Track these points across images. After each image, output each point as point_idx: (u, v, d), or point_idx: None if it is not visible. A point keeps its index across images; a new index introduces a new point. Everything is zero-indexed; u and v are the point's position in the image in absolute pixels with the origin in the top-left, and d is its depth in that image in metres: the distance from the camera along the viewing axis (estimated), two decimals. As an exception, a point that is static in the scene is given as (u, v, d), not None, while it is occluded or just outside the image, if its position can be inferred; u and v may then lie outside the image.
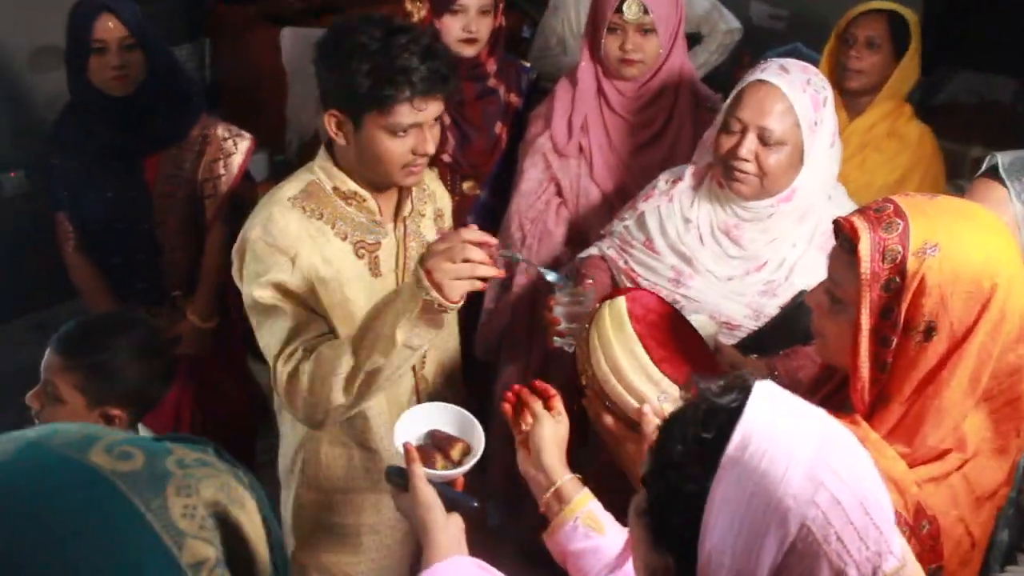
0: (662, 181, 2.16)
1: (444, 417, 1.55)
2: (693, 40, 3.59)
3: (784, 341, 1.93)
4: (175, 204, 2.62)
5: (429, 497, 1.35)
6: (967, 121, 4.04)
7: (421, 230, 1.97)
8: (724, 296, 2.01)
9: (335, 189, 1.83)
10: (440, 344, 2.04)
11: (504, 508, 2.58)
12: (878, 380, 1.33)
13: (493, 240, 1.57)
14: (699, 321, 1.87)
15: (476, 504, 1.40)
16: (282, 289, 1.77)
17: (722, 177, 1.97)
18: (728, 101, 1.95)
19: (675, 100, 2.43)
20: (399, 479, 1.41)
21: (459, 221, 2.58)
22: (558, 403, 1.49)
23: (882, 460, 1.29)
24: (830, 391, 1.50)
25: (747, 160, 1.89)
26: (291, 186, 1.85)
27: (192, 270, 2.72)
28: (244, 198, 2.80)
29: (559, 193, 2.51)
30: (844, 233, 1.34)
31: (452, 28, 2.41)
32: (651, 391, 1.49)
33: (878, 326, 1.30)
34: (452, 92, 1.77)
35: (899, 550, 0.92)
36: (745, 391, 0.93)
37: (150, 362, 1.90)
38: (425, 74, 1.68)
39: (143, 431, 1.94)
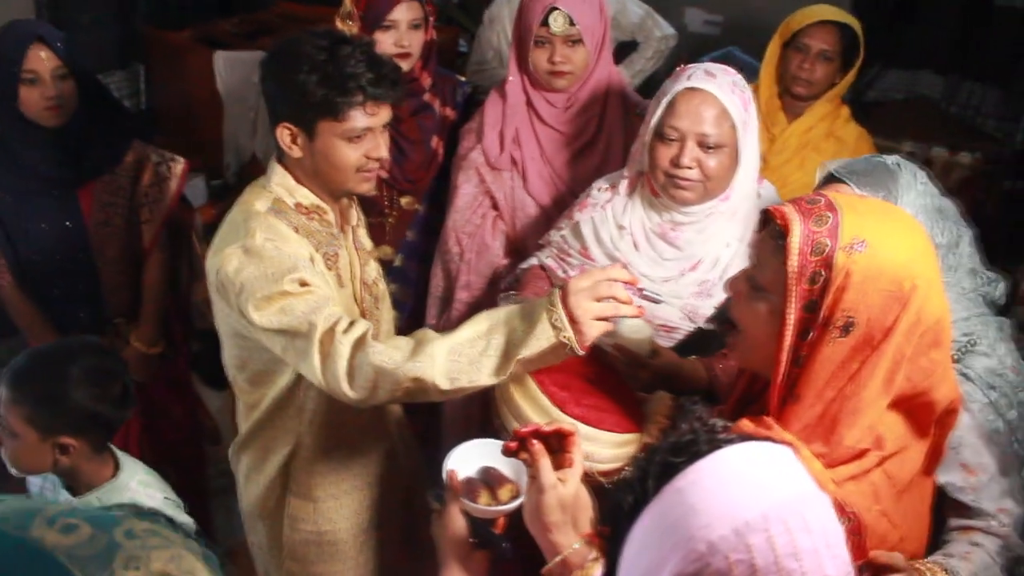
0: (595, 189, 2.18)
1: (499, 455, 1.50)
2: (629, 48, 3.63)
3: (721, 341, 1.95)
4: (112, 232, 2.59)
5: (458, 528, 1.34)
6: (897, 117, 4.14)
7: (360, 239, 2.00)
8: None
9: (297, 205, 1.83)
10: None
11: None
12: (791, 374, 1.34)
13: (637, 280, 1.55)
14: (635, 325, 1.88)
15: (506, 546, 1.38)
16: (302, 279, 1.69)
17: (661, 187, 1.99)
18: (659, 110, 1.95)
19: (605, 108, 2.45)
20: (438, 502, 1.40)
21: (399, 236, 2.60)
22: (573, 450, 1.35)
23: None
24: (743, 390, 1.51)
25: (690, 167, 1.91)
26: (259, 202, 1.81)
27: (133, 297, 2.69)
28: (182, 222, 2.79)
29: (495, 207, 2.52)
30: (775, 222, 1.34)
31: (384, 44, 2.40)
32: None
33: (801, 319, 1.31)
34: (399, 99, 1.81)
35: None
36: (744, 437, 0.91)
37: (102, 387, 1.85)
38: (374, 79, 1.72)
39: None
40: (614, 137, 2.45)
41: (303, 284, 1.68)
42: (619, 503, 0.92)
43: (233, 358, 1.90)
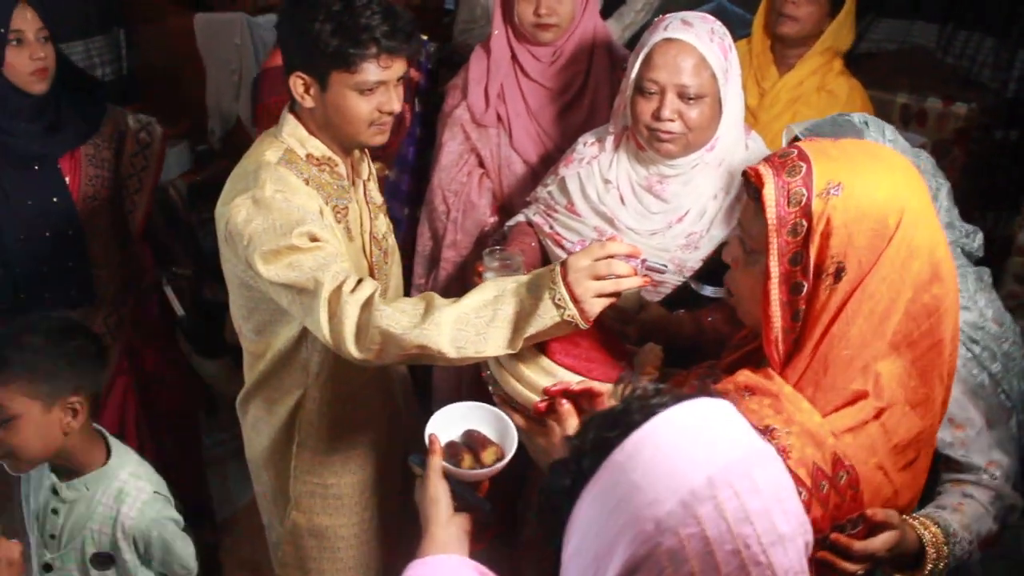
0: (581, 144, 2.15)
1: (485, 419, 1.52)
2: (619, 1, 3.58)
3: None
4: (100, 205, 2.56)
5: (438, 491, 1.33)
6: (891, 68, 4.08)
7: (371, 193, 1.99)
8: (648, 254, 2.00)
9: (308, 156, 1.83)
10: None
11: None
12: (792, 329, 1.32)
13: (639, 251, 1.53)
14: None
15: (489, 508, 1.37)
16: (313, 234, 1.68)
17: (645, 141, 1.96)
18: (637, 64, 1.92)
19: (591, 62, 2.41)
20: (420, 467, 1.39)
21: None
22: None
23: (798, 414, 1.30)
24: (754, 347, 1.49)
25: (672, 120, 1.89)
26: (271, 152, 1.81)
27: (122, 268, 2.66)
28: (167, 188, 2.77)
29: (480, 164, 2.49)
30: (751, 182, 1.33)
31: None
32: (548, 383, 1.50)
33: (788, 272, 1.29)
34: (414, 52, 1.79)
35: None
36: (678, 398, 0.86)
37: (79, 344, 1.88)
38: (389, 31, 1.70)
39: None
40: (600, 92, 2.42)
41: (313, 239, 1.66)
42: (556, 485, 0.89)
43: (240, 307, 1.91)
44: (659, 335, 1.79)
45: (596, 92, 2.41)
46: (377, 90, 1.76)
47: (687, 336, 1.87)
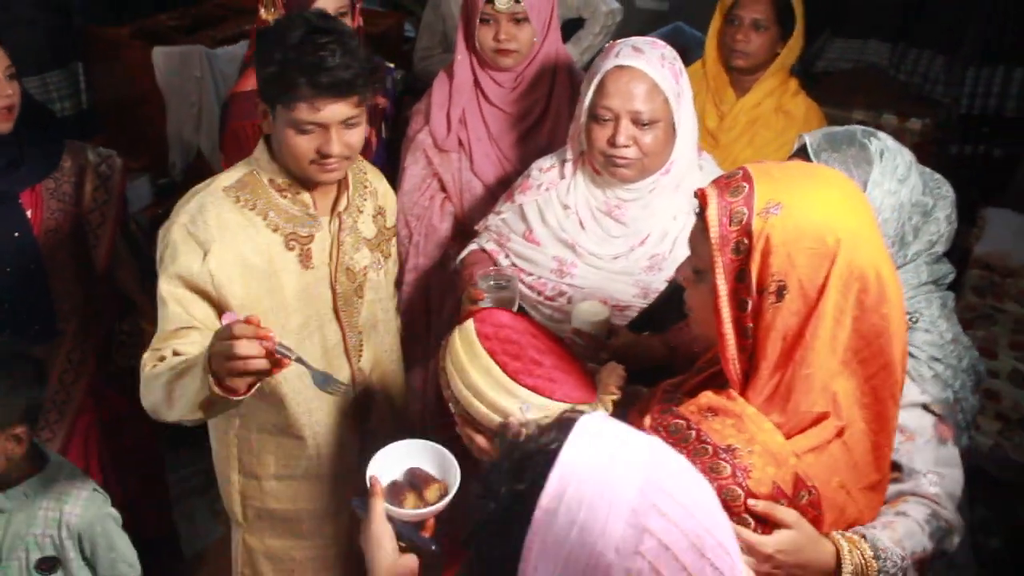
0: (536, 170, 2.16)
1: (427, 456, 1.51)
2: (576, 25, 3.62)
3: (676, 315, 1.94)
4: (63, 239, 2.53)
5: (381, 534, 1.31)
6: (847, 86, 4.16)
7: (358, 226, 1.98)
8: (610, 279, 2.02)
9: (271, 181, 1.86)
10: (376, 338, 2.06)
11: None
12: (745, 347, 1.34)
13: (269, 333, 1.48)
14: (592, 307, 1.88)
15: (435, 548, 1.35)
16: (184, 282, 1.78)
17: (602, 166, 1.98)
18: (591, 91, 1.94)
19: (552, 88, 2.43)
20: (363, 510, 1.36)
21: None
22: None
23: (760, 434, 1.30)
24: (717, 371, 1.49)
25: (627, 146, 1.91)
26: (228, 176, 1.88)
27: (85, 304, 2.62)
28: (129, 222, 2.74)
29: (443, 188, 2.50)
30: (699, 202, 1.36)
31: None
32: (511, 404, 1.50)
33: (735, 289, 1.31)
34: (363, 98, 1.77)
35: None
36: (563, 429, 0.85)
37: (21, 372, 1.90)
38: (329, 75, 1.68)
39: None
40: (561, 116, 2.43)
41: (168, 298, 1.78)
42: (481, 556, 0.85)
43: None
44: (631, 359, 1.79)
45: (557, 117, 2.43)
46: (315, 131, 1.75)
47: (658, 358, 1.88)
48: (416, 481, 1.45)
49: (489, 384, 1.52)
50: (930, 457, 1.52)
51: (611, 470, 0.81)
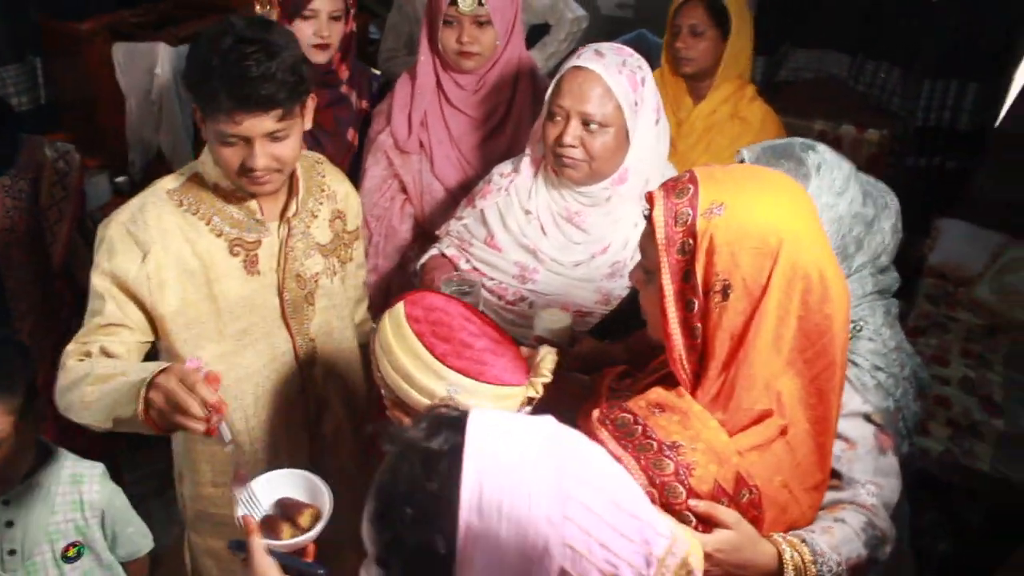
0: (496, 175, 2.17)
1: (293, 484, 1.50)
2: (541, 31, 3.63)
3: (638, 322, 1.95)
4: (18, 237, 2.49)
5: (266, 569, 1.30)
6: (808, 96, 4.23)
7: (311, 231, 1.93)
8: (572, 285, 2.03)
9: (215, 186, 1.81)
10: (331, 345, 2.02)
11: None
12: (694, 347, 1.35)
13: (223, 408, 1.45)
14: (554, 314, 1.88)
15: (322, 572, 1.35)
16: (118, 281, 1.76)
17: (553, 165, 2.00)
18: (549, 90, 1.97)
19: (514, 92, 2.44)
20: (242, 551, 1.34)
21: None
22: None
23: (705, 431, 1.32)
24: (669, 372, 1.49)
25: (574, 146, 1.92)
26: (172, 179, 1.85)
27: (42, 302, 2.58)
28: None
29: (403, 190, 2.50)
30: (647, 205, 1.38)
31: (304, 33, 2.36)
32: (439, 386, 1.49)
33: (681, 289, 1.34)
34: (287, 112, 1.69)
35: (665, 528, 0.88)
36: (453, 427, 0.87)
37: (7, 353, 1.88)
38: (248, 88, 1.61)
39: None
40: (523, 121, 2.44)
41: (114, 279, 1.76)
42: (409, 562, 0.86)
43: None
44: (593, 365, 1.80)
45: (519, 121, 2.44)
46: (239, 143, 1.69)
47: (620, 362, 1.88)
48: (288, 511, 1.46)
49: (417, 366, 1.51)
50: (869, 467, 1.53)
51: (518, 450, 0.83)
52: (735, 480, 1.31)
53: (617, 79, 1.90)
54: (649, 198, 1.37)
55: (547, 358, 1.58)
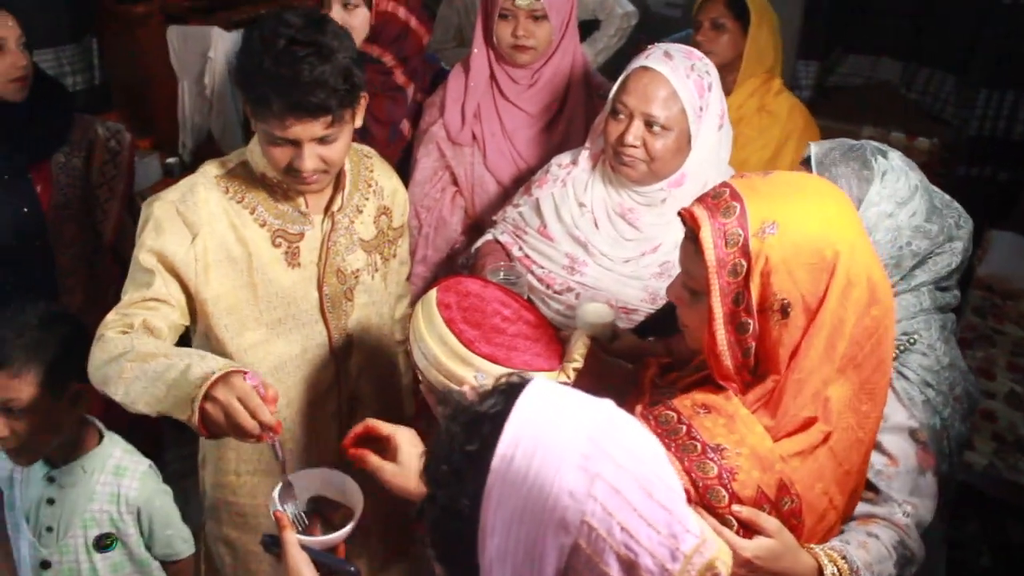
0: (555, 166, 2.17)
1: (327, 482, 1.52)
2: (591, 27, 3.62)
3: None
4: (71, 214, 2.53)
5: (301, 565, 1.32)
6: (858, 102, 4.19)
7: (355, 226, 1.93)
8: (620, 281, 2.03)
9: (263, 176, 1.81)
10: (368, 341, 2.01)
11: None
12: (745, 365, 1.34)
13: (279, 428, 1.44)
14: (597, 308, 1.87)
15: (353, 570, 1.36)
16: (165, 260, 1.75)
17: (612, 162, 1.99)
18: (615, 87, 1.96)
19: (568, 88, 2.43)
20: (275, 547, 1.36)
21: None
22: (395, 436, 1.46)
23: (750, 436, 1.31)
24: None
25: (635, 146, 1.92)
26: (219, 164, 1.85)
27: (89, 284, 2.62)
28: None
29: (454, 182, 2.50)
30: (687, 224, 1.34)
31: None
32: (467, 373, 1.50)
33: (732, 312, 1.30)
34: (336, 118, 1.67)
35: (696, 527, 0.88)
36: (507, 394, 0.89)
37: (71, 331, 1.90)
38: (296, 94, 1.60)
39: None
40: (576, 117, 2.44)
41: (148, 269, 1.74)
42: (437, 519, 0.88)
43: None
44: (632, 363, 1.79)
45: (572, 118, 2.44)
46: (287, 145, 1.68)
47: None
48: (320, 509, 1.48)
49: (445, 352, 1.52)
50: (907, 486, 1.52)
51: (561, 423, 0.85)
52: (778, 487, 1.30)
53: (684, 83, 1.90)
54: (691, 217, 1.32)
55: (578, 343, 1.57)
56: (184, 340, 1.86)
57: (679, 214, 1.37)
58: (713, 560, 0.87)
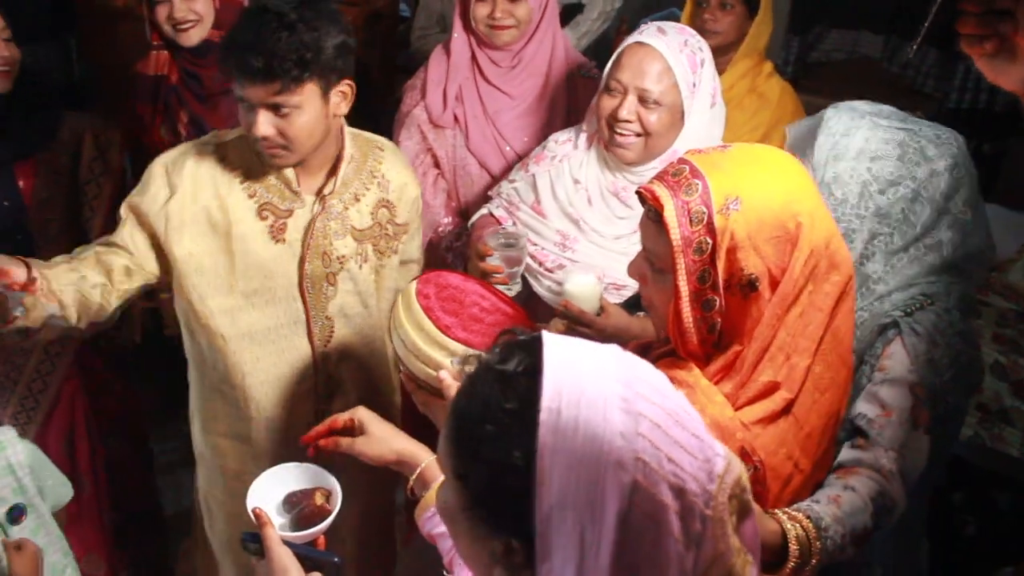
0: (552, 142, 2.19)
1: (301, 477, 1.53)
2: (575, 9, 3.62)
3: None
4: (55, 209, 2.52)
5: (285, 560, 1.32)
6: (841, 77, 4.19)
7: (348, 213, 1.93)
8: (611, 258, 2.05)
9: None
10: (349, 328, 2.02)
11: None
12: (709, 340, 1.34)
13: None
14: (585, 281, 1.88)
15: (337, 560, 1.36)
16: (139, 212, 1.87)
17: (607, 139, 2.00)
18: (609, 64, 1.98)
19: (549, 69, 2.44)
20: (255, 545, 1.36)
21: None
22: (355, 416, 1.53)
23: (710, 406, 1.31)
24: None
25: (629, 120, 1.93)
26: (227, 134, 1.93)
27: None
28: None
29: (436, 165, 2.51)
30: (648, 203, 1.33)
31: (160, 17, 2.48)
32: (443, 357, 1.52)
33: (698, 290, 1.30)
34: (286, 86, 1.69)
35: (722, 449, 0.94)
36: (527, 350, 0.91)
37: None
38: (251, 57, 1.65)
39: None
40: (558, 99, 2.45)
41: (134, 210, 1.88)
42: (488, 478, 0.90)
43: None
44: (618, 338, 1.80)
45: (554, 99, 2.44)
46: (247, 108, 1.74)
47: (648, 339, 1.88)
48: (297, 503, 1.49)
49: (422, 339, 1.54)
50: (899, 437, 1.51)
51: (591, 371, 0.89)
52: (739, 455, 1.30)
53: (678, 58, 1.91)
54: (653, 197, 1.31)
55: (555, 328, 1.59)
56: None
57: (637, 192, 1.36)
58: (740, 476, 0.94)
